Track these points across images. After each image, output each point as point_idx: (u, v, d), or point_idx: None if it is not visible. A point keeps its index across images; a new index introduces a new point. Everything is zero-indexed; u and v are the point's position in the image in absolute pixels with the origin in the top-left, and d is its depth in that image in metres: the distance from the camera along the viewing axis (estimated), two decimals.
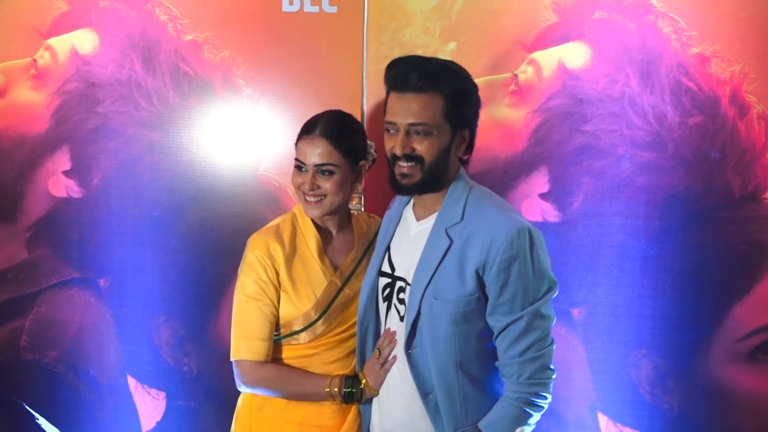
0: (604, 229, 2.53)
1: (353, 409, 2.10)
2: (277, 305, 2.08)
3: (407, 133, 1.85)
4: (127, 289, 2.77)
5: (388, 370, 1.99)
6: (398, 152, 1.85)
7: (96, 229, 2.75)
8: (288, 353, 2.10)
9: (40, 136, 2.73)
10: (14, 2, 2.68)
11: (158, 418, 2.81)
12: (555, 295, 1.89)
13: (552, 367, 1.90)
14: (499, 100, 2.52)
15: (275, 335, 2.11)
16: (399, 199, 2.09)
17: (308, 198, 2.05)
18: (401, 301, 1.97)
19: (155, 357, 2.78)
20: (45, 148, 2.73)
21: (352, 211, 2.20)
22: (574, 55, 2.48)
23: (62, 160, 2.73)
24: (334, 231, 2.15)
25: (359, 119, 2.55)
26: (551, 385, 1.90)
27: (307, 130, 2.06)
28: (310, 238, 2.11)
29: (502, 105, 2.52)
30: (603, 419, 2.60)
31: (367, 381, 2.03)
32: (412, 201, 2.03)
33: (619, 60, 2.46)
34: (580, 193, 2.53)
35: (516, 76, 2.52)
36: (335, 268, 2.12)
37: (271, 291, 2.07)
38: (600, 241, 2.54)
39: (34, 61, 2.70)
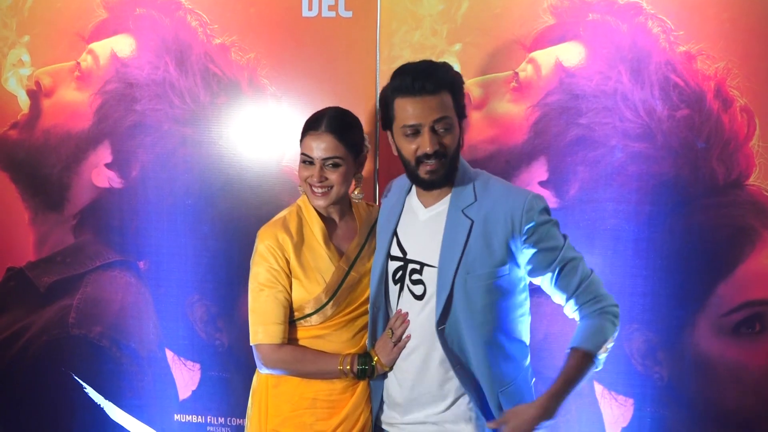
0: (599, 213, 2.56)
1: (361, 384, 2.14)
2: (289, 291, 2.11)
3: (433, 132, 1.93)
4: (164, 270, 2.83)
5: (402, 348, 2.05)
6: (429, 151, 1.92)
7: (135, 216, 2.81)
8: (301, 334, 2.14)
9: (84, 132, 2.79)
10: (59, 11, 2.73)
11: (194, 388, 2.87)
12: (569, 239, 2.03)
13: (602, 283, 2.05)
14: (501, 96, 2.56)
15: (290, 319, 2.13)
16: (397, 187, 2.17)
17: (315, 190, 2.08)
18: (416, 282, 2.04)
19: (190, 332, 2.84)
20: (88, 143, 2.79)
21: (354, 200, 2.22)
22: (571, 54, 2.52)
23: (104, 154, 2.80)
24: (337, 219, 2.18)
25: (373, 115, 2.61)
26: None
27: (312, 126, 2.08)
28: (315, 228, 2.13)
29: (503, 101, 2.55)
30: (599, 388, 2.65)
31: (379, 358, 2.08)
32: (412, 190, 2.10)
33: (612, 58, 2.49)
34: (577, 181, 2.57)
35: (516, 74, 2.55)
36: (341, 253, 2.14)
37: (283, 278, 2.09)
38: (595, 225, 2.57)
39: (78, 64, 2.76)
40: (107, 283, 2.88)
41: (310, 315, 2.12)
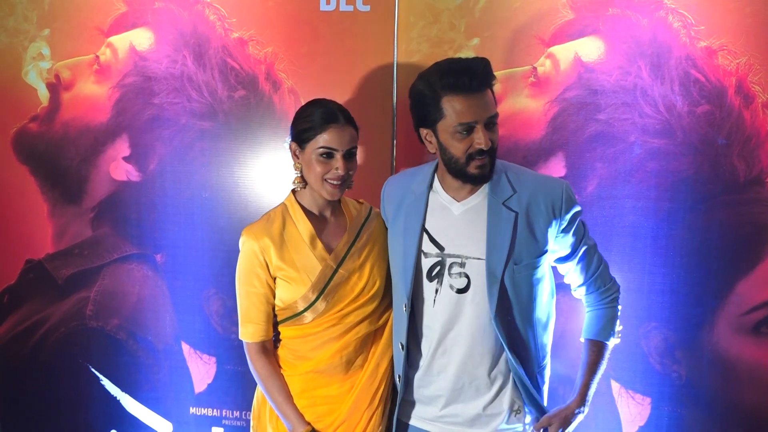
0: (617, 210, 2.56)
1: (362, 385, 2.15)
2: (269, 292, 2.14)
3: (487, 128, 1.97)
4: (180, 263, 2.84)
5: None
6: (485, 147, 1.96)
7: (153, 210, 2.81)
8: (294, 332, 2.17)
9: (103, 125, 2.79)
10: (79, 5, 2.74)
11: (209, 381, 2.89)
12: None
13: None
14: (519, 91, 2.55)
15: (284, 316, 2.16)
16: (406, 188, 2.17)
17: (334, 183, 2.09)
18: (456, 275, 2.07)
19: (206, 325, 2.85)
20: (107, 136, 2.80)
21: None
22: (589, 49, 2.51)
23: (122, 147, 2.80)
24: (328, 215, 2.20)
25: (390, 109, 2.61)
26: None
27: (332, 119, 2.07)
28: (301, 226, 2.15)
29: (522, 96, 2.54)
30: (616, 386, 2.65)
31: None
32: (435, 186, 2.13)
33: (632, 53, 2.48)
34: (595, 177, 2.56)
35: (535, 68, 2.54)
36: (329, 251, 2.15)
37: (261, 281, 2.13)
38: (613, 222, 2.56)
39: (97, 57, 2.76)
40: (124, 276, 2.89)
41: (302, 312, 2.13)
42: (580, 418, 2.18)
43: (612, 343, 2.23)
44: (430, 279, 2.10)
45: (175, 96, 2.75)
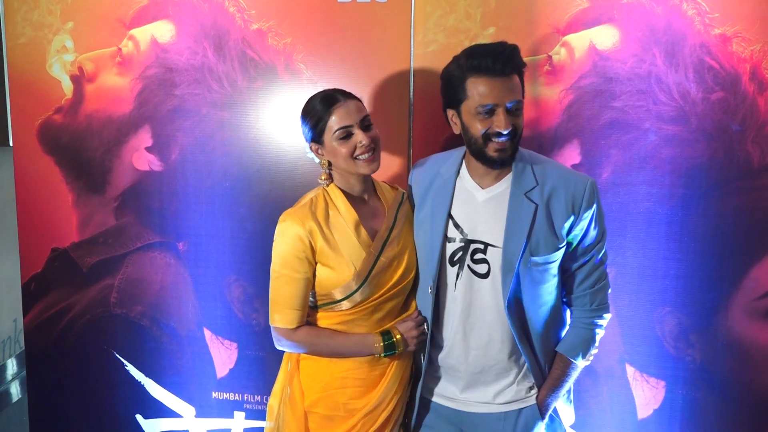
0: (632, 196, 2.57)
1: (395, 364, 2.17)
2: (311, 278, 2.11)
3: (508, 112, 1.99)
4: (202, 251, 2.87)
5: (422, 328, 2.17)
6: (504, 130, 1.98)
7: (174, 199, 2.85)
8: (328, 321, 2.16)
9: (125, 116, 2.83)
10: None
11: (231, 366, 2.92)
12: (607, 236, 2.16)
13: (609, 291, 2.19)
14: (534, 80, 2.55)
15: (318, 303, 2.16)
16: (435, 172, 2.20)
17: (364, 155, 2.07)
18: (479, 261, 2.10)
19: (228, 311, 2.89)
20: (129, 126, 2.83)
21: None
22: (604, 37, 2.51)
23: (144, 138, 2.83)
24: (367, 199, 2.19)
25: (407, 99, 2.62)
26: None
27: (334, 101, 2.08)
28: (345, 213, 2.12)
29: (537, 84, 2.55)
30: (630, 370, 2.68)
31: (402, 335, 2.13)
32: (462, 172, 2.15)
33: (646, 41, 2.48)
34: (610, 164, 2.57)
35: (550, 57, 2.55)
36: (372, 236, 2.14)
37: (305, 266, 2.09)
38: (628, 208, 2.58)
39: (119, 49, 2.79)
40: (147, 264, 2.93)
41: (340, 301, 2.13)
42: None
43: (581, 364, 2.20)
44: (452, 264, 2.13)
45: (196, 87, 2.77)
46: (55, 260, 2.99)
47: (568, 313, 2.26)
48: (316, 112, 2.11)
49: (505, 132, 1.98)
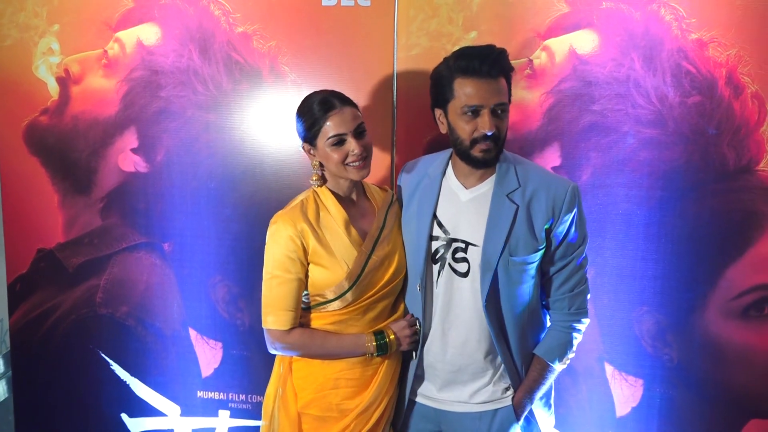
0: (611, 198, 2.59)
1: (386, 363, 2.19)
2: (303, 279, 2.11)
3: (493, 114, 2.02)
4: (187, 252, 2.87)
5: (415, 328, 2.18)
6: (487, 131, 2.00)
7: (160, 200, 2.84)
8: (321, 321, 2.17)
9: (111, 118, 2.82)
10: (87, 0, 2.75)
11: (216, 365, 2.93)
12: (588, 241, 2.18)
13: (589, 296, 2.20)
14: (515, 83, 2.51)
15: (311, 304, 2.16)
16: (419, 172, 2.23)
17: (355, 164, 2.08)
18: (459, 260, 2.12)
19: (212, 311, 2.89)
20: (115, 128, 2.82)
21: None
22: (584, 41, 2.53)
23: (130, 139, 2.83)
24: (356, 199, 2.21)
25: (391, 101, 2.64)
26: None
27: (331, 107, 2.08)
28: (335, 213, 2.14)
29: (518, 87, 2.55)
30: (609, 368, 2.71)
31: (395, 335, 2.14)
32: (448, 172, 2.18)
33: (625, 46, 2.51)
34: (589, 167, 2.59)
35: (531, 61, 2.57)
36: (363, 236, 2.15)
37: (297, 266, 2.09)
38: (607, 210, 2.60)
39: (105, 52, 2.78)
40: (133, 264, 2.93)
41: (330, 301, 2.14)
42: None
43: (558, 367, 2.22)
44: (434, 261, 2.16)
45: (181, 89, 2.77)
46: (41, 261, 2.99)
47: (548, 317, 2.28)
48: (312, 115, 2.11)
49: (489, 133, 2.01)
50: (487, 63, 2.00)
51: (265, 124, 2.76)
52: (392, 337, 2.15)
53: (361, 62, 2.66)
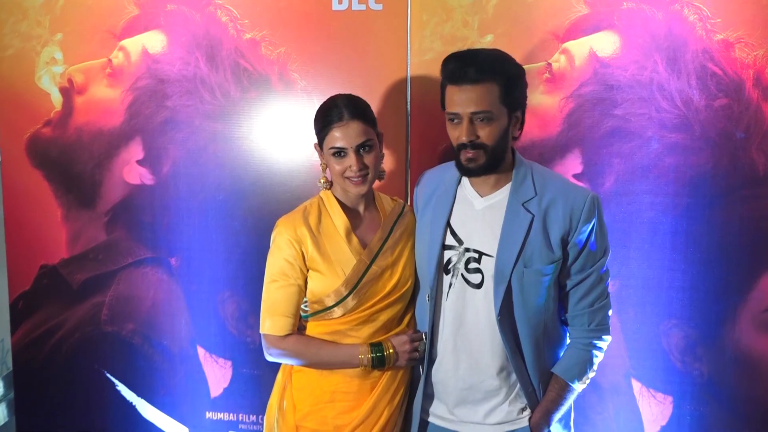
0: (635, 206, 2.54)
1: (384, 377, 2.14)
2: (302, 284, 2.11)
3: (471, 122, 1.95)
4: (195, 267, 2.84)
5: (416, 344, 2.11)
6: (465, 140, 1.95)
7: (167, 213, 2.82)
8: (320, 329, 2.15)
9: (116, 128, 2.80)
10: (91, 8, 2.74)
11: (225, 385, 2.89)
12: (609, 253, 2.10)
13: (611, 312, 2.11)
14: (534, 88, 2.50)
15: (309, 312, 2.14)
16: (437, 178, 2.18)
17: (353, 179, 2.07)
18: (473, 270, 2.06)
19: (221, 329, 2.85)
20: (120, 139, 2.80)
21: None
22: (605, 43, 2.49)
23: (136, 150, 2.81)
24: (362, 210, 2.19)
25: (405, 108, 2.60)
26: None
27: (335, 119, 2.05)
28: (337, 220, 2.13)
29: (537, 92, 2.52)
30: (637, 385, 2.64)
31: (394, 348, 2.10)
32: (463, 180, 2.12)
33: (647, 47, 2.46)
34: (612, 173, 2.54)
35: (550, 65, 2.53)
36: (364, 245, 2.14)
37: (296, 272, 2.10)
38: (631, 218, 2.55)
39: (110, 60, 2.77)
40: (139, 280, 2.90)
41: (331, 308, 2.12)
42: None
43: (578, 387, 2.12)
44: (446, 272, 2.10)
45: (188, 98, 2.75)
46: (44, 277, 2.95)
47: (567, 333, 2.19)
48: (320, 122, 2.11)
49: (465, 142, 1.95)
50: (470, 68, 1.92)
51: (274, 133, 2.74)
52: (391, 351, 2.12)
53: (373, 68, 2.64)
